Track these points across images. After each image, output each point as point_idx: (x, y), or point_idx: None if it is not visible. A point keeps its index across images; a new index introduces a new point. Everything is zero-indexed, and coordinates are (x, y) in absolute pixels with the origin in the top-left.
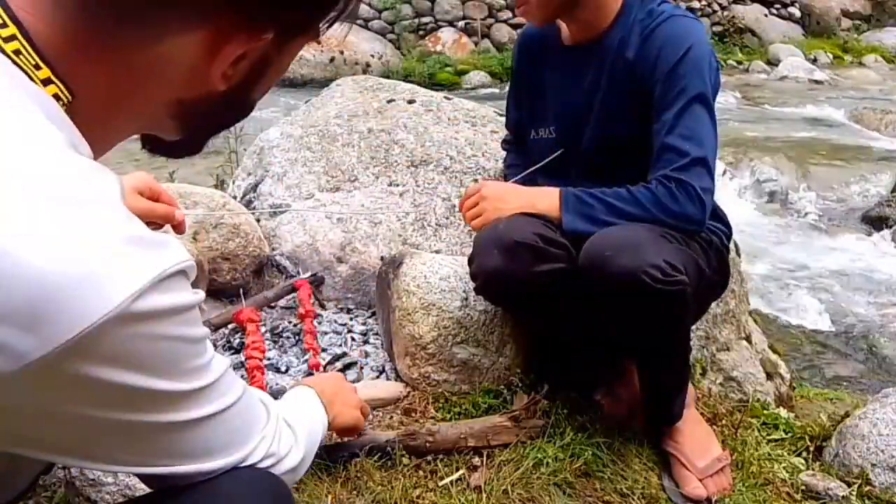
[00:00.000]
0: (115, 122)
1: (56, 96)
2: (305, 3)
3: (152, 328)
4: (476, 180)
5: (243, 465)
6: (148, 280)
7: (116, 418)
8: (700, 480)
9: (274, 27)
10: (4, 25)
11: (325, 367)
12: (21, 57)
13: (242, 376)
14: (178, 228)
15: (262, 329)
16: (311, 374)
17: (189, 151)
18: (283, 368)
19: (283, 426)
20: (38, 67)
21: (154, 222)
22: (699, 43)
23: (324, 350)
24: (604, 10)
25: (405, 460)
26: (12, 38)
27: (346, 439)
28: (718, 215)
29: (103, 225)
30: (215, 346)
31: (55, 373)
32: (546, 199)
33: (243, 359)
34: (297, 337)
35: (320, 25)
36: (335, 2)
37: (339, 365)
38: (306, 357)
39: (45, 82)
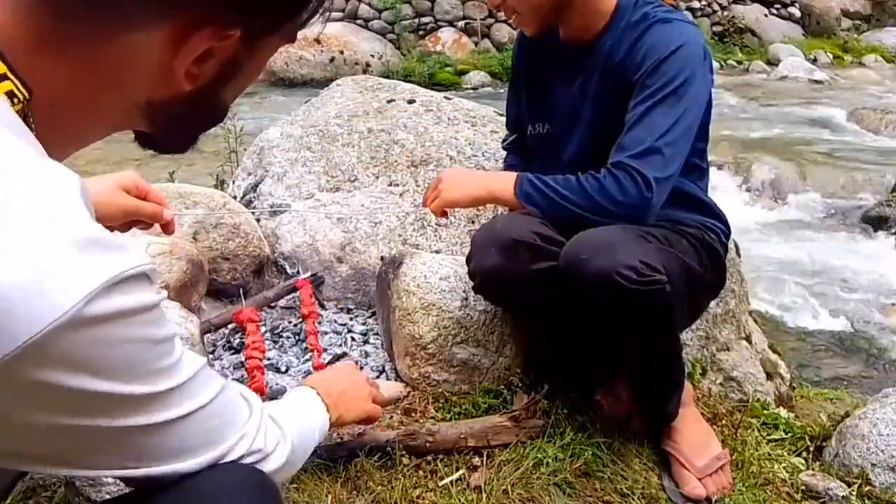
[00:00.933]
0: (79, 123)
1: (10, 94)
2: (271, 1)
3: (110, 331)
4: None
5: (224, 461)
6: (100, 283)
7: (84, 424)
8: (699, 479)
9: (240, 24)
10: None
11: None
12: None
13: (242, 377)
14: (167, 228)
15: (262, 329)
16: (310, 374)
17: (175, 150)
18: (283, 368)
19: (268, 423)
20: None
21: (142, 221)
22: (688, 44)
23: (324, 350)
24: (595, 15)
25: (405, 460)
26: None
27: (355, 430)
28: (716, 213)
29: (55, 227)
30: (214, 346)
31: (11, 381)
32: (501, 182)
33: (243, 358)
34: (297, 337)
35: (294, 27)
36: (304, 2)
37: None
38: (307, 357)
39: (0, 78)
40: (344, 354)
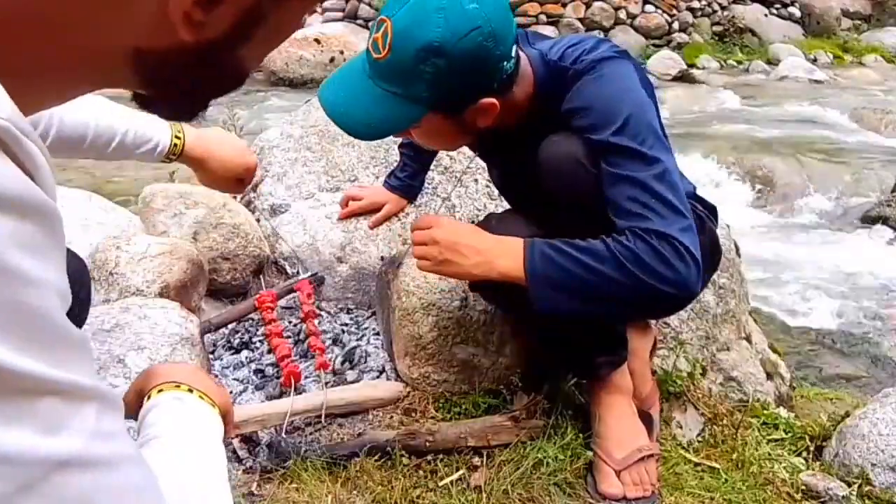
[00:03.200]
0: (52, 66)
1: None
2: None
3: None
4: (476, 180)
5: None
6: None
7: None
8: (617, 473)
9: None
10: None
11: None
12: None
13: (244, 376)
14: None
15: (261, 330)
16: (317, 377)
17: (179, 116)
18: None
19: None
20: None
21: None
22: (615, 93)
23: (325, 350)
24: (511, 113)
25: (405, 460)
26: None
27: (355, 430)
28: (698, 196)
29: None
30: (214, 346)
31: None
32: (509, 255)
33: (243, 360)
34: (296, 337)
35: None
36: None
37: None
38: (309, 362)
39: None
40: (356, 347)
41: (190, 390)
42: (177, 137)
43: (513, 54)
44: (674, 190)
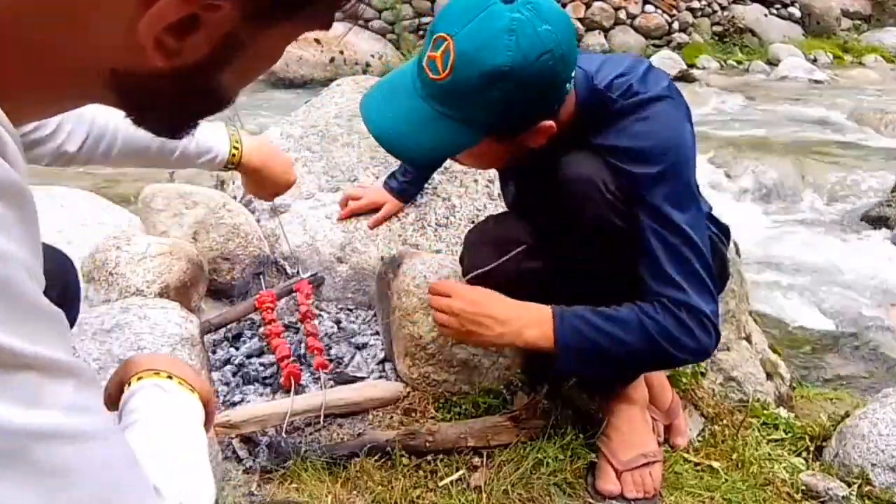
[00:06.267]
0: (30, 84)
1: None
2: None
3: None
4: (476, 180)
5: None
6: None
7: None
8: (619, 474)
9: None
10: None
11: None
12: None
13: (247, 375)
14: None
15: (261, 330)
16: (317, 377)
17: (164, 135)
18: None
19: None
20: None
21: None
22: (668, 148)
23: (325, 350)
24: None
25: (405, 460)
26: None
27: (355, 430)
28: (713, 217)
29: None
30: (215, 346)
31: None
32: (536, 325)
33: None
34: (296, 337)
35: (319, 13)
36: None
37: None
38: (308, 358)
39: None
40: (356, 347)
41: (170, 377)
42: (235, 148)
43: (573, 74)
44: (699, 256)
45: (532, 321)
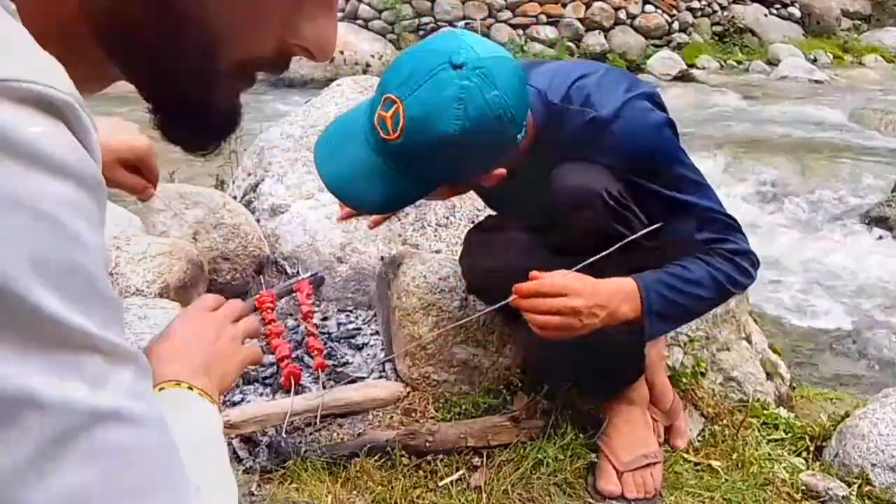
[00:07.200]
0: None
1: None
2: None
3: None
4: None
5: None
6: None
7: None
8: (620, 475)
9: None
10: None
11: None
12: None
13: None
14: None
15: (260, 330)
16: (317, 377)
17: (197, 145)
18: None
19: None
20: None
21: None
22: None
23: (325, 350)
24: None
25: (405, 460)
26: None
27: (355, 430)
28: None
29: None
30: None
31: None
32: (627, 301)
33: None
34: (295, 337)
35: None
36: None
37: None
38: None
39: None
40: (356, 347)
41: (190, 388)
42: None
43: (525, 122)
44: (721, 205)
45: (624, 298)
